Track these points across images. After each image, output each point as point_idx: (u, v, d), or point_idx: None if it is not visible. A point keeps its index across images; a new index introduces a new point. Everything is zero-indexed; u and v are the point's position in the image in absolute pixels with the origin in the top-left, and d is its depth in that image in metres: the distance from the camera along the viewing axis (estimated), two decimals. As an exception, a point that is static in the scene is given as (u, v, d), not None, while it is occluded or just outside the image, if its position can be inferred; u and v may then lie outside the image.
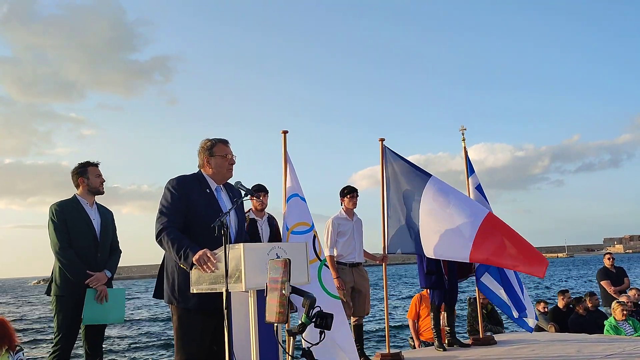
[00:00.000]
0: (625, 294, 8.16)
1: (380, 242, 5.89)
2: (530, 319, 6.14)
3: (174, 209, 3.46)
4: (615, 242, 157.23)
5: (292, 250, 3.35)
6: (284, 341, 3.75)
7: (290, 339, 4.01)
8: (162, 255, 3.61)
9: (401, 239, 5.80)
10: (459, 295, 6.49)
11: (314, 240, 4.79)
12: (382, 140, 6.02)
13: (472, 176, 6.53)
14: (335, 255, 5.60)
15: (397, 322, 16.68)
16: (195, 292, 3.29)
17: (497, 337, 6.51)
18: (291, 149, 5.14)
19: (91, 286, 4.11)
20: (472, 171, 6.56)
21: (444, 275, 5.92)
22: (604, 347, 5.51)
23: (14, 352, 3.86)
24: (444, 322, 6.15)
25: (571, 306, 8.26)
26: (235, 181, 3.55)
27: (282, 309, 2.76)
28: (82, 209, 4.25)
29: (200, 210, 3.48)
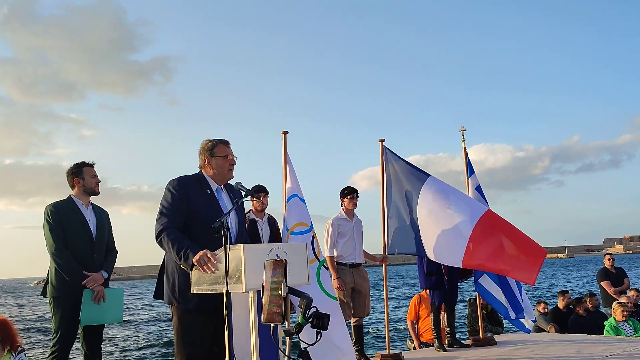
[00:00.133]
0: (625, 295, 8.17)
1: (380, 243, 5.90)
2: (527, 320, 6.14)
3: (174, 210, 3.46)
4: (615, 243, 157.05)
5: (293, 251, 3.34)
6: (284, 342, 3.75)
7: (287, 340, 4.01)
8: (163, 255, 3.61)
9: (402, 240, 5.81)
10: (459, 295, 6.49)
11: (313, 240, 4.80)
12: (382, 140, 6.04)
13: (472, 177, 6.53)
14: (335, 255, 5.60)
15: (398, 323, 16.67)
16: (195, 292, 3.28)
17: (497, 337, 6.52)
18: (291, 149, 5.15)
19: (88, 287, 4.10)
20: (472, 172, 6.56)
21: (444, 275, 5.93)
22: (604, 348, 5.51)
23: (16, 353, 3.84)
24: (444, 322, 6.15)
25: (571, 307, 8.26)
26: (235, 182, 3.55)
27: (278, 309, 2.76)
28: (78, 210, 4.23)
29: (200, 210, 3.48)
